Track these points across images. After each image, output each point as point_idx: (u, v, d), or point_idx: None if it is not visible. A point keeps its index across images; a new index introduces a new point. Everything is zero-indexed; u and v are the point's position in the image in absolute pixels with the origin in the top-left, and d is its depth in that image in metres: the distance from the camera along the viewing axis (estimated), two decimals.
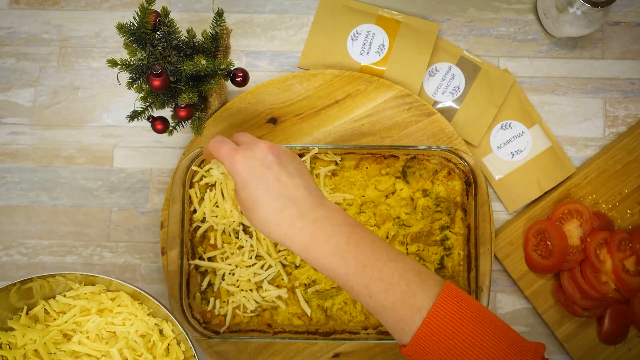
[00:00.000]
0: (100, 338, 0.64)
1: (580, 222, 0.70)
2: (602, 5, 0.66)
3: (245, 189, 0.52)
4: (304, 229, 0.50)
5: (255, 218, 0.52)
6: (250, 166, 0.52)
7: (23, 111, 0.76)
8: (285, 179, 0.52)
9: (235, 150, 0.53)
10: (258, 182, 0.51)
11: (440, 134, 0.73)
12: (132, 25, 0.56)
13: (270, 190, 0.51)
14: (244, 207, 0.53)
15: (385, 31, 0.76)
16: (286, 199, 0.51)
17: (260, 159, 0.52)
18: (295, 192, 0.52)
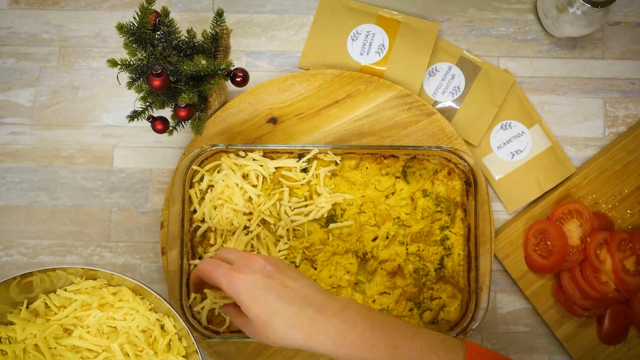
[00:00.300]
0: (101, 333, 0.64)
1: (580, 222, 0.70)
2: (602, 5, 0.66)
3: (256, 304, 0.51)
4: (327, 324, 0.50)
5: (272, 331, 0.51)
6: (253, 281, 0.51)
7: (23, 111, 0.76)
8: (291, 282, 0.52)
9: (232, 270, 0.53)
10: (266, 292, 0.51)
11: (440, 134, 0.73)
12: (132, 25, 0.56)
13: (282, 298, 0.51)
14: (258, 323, 0.51)
15: (385, 31, 0.76)
16: (299, 300, 0.51)
17: (260, 271, 0.52)
18: (305, 292, 0.52)
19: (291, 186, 0.69)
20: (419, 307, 0.68)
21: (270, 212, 0.68)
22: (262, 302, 0.51)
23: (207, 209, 0.68)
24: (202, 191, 0.69)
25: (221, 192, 0.68)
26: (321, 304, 0.52)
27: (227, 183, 0.68)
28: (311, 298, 0.52)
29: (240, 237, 0.68)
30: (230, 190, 0.68)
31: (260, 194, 0.68)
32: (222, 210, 0.68)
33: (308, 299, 0.52)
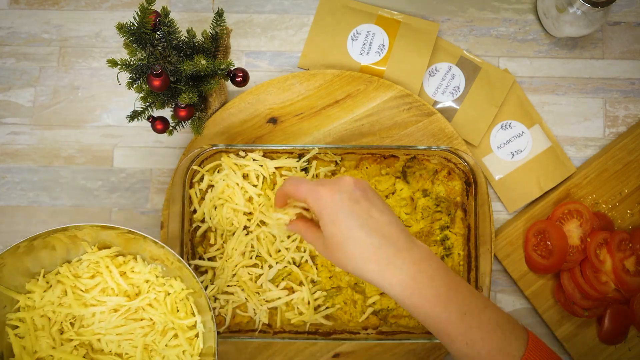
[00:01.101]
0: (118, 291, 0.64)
1: (580, 222, 0.70)
2: (602, 5, 0.66)
3: (335, 223, 0.50)
4: (404, 269, 0.49)
5: (344, 254, 0.50)
6: (339, 200, 0.50)
7: (23, 111, 0.76)
8: (377, 214, 0.50)
9: (319, 184, 0.51)
10: (349, 217, 0.49)
11: (440, 134, 0.73)
12: (132, 25, 0.56)
13: (363, 226, 0.49)
14: (332, 242, 0.50)
15: (385, 31, 0.76)
16: (381, 235, 0.49)
17: (348, 192, 0.50)
18: (388, 229, 0.50)
19: None
20: None
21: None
22: (342, 224, 0.49)
23: (207, 209, 0.68)
24: (202, 191, 0.69)
25: (221, 191, 0.68)
26: (403, 246, 0.50)
27: (228, 183, 0.68)
28: (394, 236, 0.50)
29: (240, 237, 0.68)
30: (230, 190, 0.68)
31: (260, 194, 0.68)
32: (222, 210, 0.68)
33: (389, 236, 0.50)
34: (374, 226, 0.50)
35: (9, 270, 0.61)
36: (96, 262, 0.65)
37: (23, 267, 0.63)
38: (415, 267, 0.49)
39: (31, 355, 0.63)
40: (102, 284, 0.64)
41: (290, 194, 0.55)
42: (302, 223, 0.58)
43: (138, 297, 0.64)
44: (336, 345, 0.70)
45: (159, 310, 0.64)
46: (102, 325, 0.63)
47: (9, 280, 0.62)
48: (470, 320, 0.49)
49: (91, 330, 0.64)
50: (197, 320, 0.63)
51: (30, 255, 0.62)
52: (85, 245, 0.64)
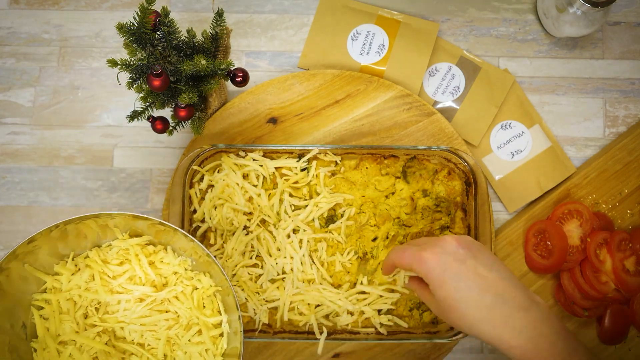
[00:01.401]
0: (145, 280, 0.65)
1: (580, 222, 0.70)
2: (602, 5, 0.66)
3: (444, 286, 0.48)
4: (522, 331, 0.47)
5: (459, 317, 0.48)
6: (443, 262, 0.49)
7: (23, 111, 0.76)
8: (485, 272, 0.49)
9: (422, 250, 0.51)
10: (457, 278, 0.48)
11: (440, 134, 0.73)
12: (132, 25, 0.56)
13: (472, 287, 0.48)
14: (443, 306, 0.49)
15: (385, 31, 0.76)
16: (493, 294, 0.48)
17: (452, 253, 0.49)
18: (502, 285, 0.48)
19: (291, 186, 0.69)
20: (419, 307, 0.68)
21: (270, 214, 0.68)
22: (451, 287, 0.48)
23: (207, 209, 0.68)
24: (202, 191, 0.69)
25: (222, 191, 0.68)
26: (520, 305, 0.47)
27: (228, 182, 0.68)
28: (508, 294, 0.48)
29: (240, 237, 0.68)
30: (230, 190, 0.68)
31: (260, 193, 0.68)
32: (222, 210, 0.68)
33: (502, 294, 0.48)
34: (483, 285, 0.48)
35: (40, 252, 0.61)
36: (126, 250, 0.64)
37: (53, 249, 0.63)
38: (536, 331, 0.47)
39: (54, 338, 0.62)
40: (130, 272, 0.64)
41: (396, 264, 0.54)
42: (417, 282, 0.56)
43: (165, 289, 0.64)
44: (336, 345, 0.70)
45: (185, 304, 0.63)
46: (126, 314, 0.63)
47: (38, 261, 0.62)
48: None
49: (115, 317, 0.64)
50: (223, 319, 0.63)
51: (61, 239, 0.62)
52: (117, 231, 0.64)
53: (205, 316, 0.63)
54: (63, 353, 0.62)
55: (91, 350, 0.63)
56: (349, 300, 0.67)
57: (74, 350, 0.62)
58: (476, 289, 0.48)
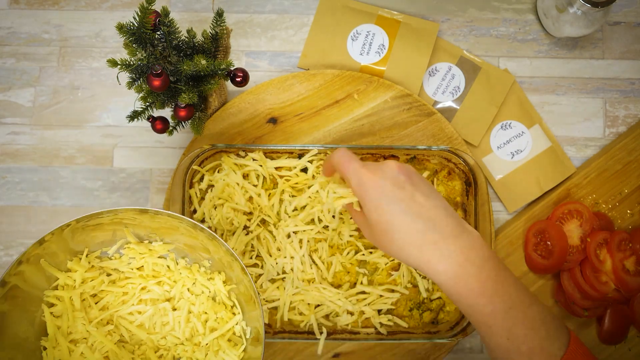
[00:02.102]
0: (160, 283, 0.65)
1: (580, 222, 0.70)
2: (602, 5, 0.66)
3: (378, 209, 0.49)
4: (451, 258, 0.48)
5: (389, 241, 0.49)
6: (382, 186, 0.49)
7: (23, 111, 0.76)
8: (422, 198, 0.49)
9: (364, 168, 0.50)
10: (392, 202, 0.49)
11: (440, 134, 0.73)
12: (132, 25, 0.56)
13: (407, 212, 0.48)
14: (376, 230, 0.50)
15: (385, 31, 0.76)
16: (426, 219, 0.48)
17: (391, 178, 0.50)
18: (434, 213, 0.49)
19: (291, 186, 0.69)
20: (419, 307, 0.68)
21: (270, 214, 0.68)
22: (385, 211, 0.49)
23: (207, 208, 0.68)
24: (202, 191, 0.69)
25: (222, 191, 0.68)
26: (450, 232, 0.48)
27: (228, 182, 0.68)
28: (439, 221, 0.48)
29: (240, 237, 0.68)
30: (230, 190, 0.68)
31: (260, 193, 0.68)
32: (222, 210, 0.68)
33: (435, 221, 0.48)
34: (418, 211, 0.48)
35: (54, 248, 0.60)
36: (142, 253, 0.64)
37: (67, 246, 0.62)
38: (463, 256, 0.48)
39: (65, 336, 0.62)
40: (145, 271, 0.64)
41: (337, 168, 0.53)
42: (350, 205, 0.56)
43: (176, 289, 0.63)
44: (336, 345, 0.70)
45: (201, 307, 0.63)
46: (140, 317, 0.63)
47: (52, 256, 0.61)
48: (515, 315, 0.48)
49: (127, 319, 0.63)
50: (239, 318, 0.62)
51: (74, 237, 0.61)
52: (127, 233, 0.64)
53: (223, 320, 0.62)
54: (74, 352, 0.61)
55: (102, 349, 0.62)
56: (349, 300, 0.67)
57: (85, 349, 0.61)
58: (410, 214, 0.48)
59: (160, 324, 0.64)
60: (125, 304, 0.64)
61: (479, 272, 0.48)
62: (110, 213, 0.59)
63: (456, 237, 0.48)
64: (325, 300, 0.67)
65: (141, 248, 0.64)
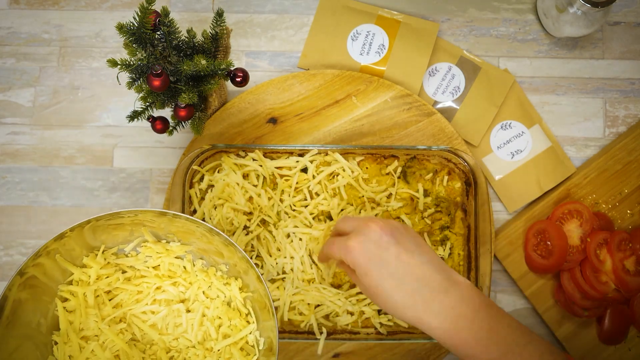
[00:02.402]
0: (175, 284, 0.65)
1: (580, 222, 0.70)
2: (602, 5, 0.66)
3: (368, 275, 0.50)
4: (442, 313, 0.49)
5: (382, 303, 0.50)
6: (367, 250, 0.50)
7: (23, 111, 0.76)
8: (407, 257, 0.50)
9: (347, 239, 0.52)
10: (379, 266, 0.50)
11: (440, 134, 0.73)
12: (132, 25, 0.56)
13: (394, 274, 0.49)
14: (370, 294, 0.51)
15: (385, 31, 0.76)
16: (413, 279, 0.49)
17: (375, 241, 0.51)
18: (421, 271, 0.50)
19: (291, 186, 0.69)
20: None
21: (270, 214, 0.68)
22: (375, 275, 0.50)
23: (207, 208, 0.68)
24: (202, 191, 0.69)
25: (222, 191, 0.68)
26: (439, 288, 0.49)
27: (228, 182, 0.68)
28: (428, 278, 0.49)
29: (240, 237, 0.68)
30: (230, 190, 0.68)
31: (260, 193, 0.68)
32: (222, 210, 0.68)
33: (423, 278, 0.49)
34: (405, 271, 0.50)
35: (72, 244, 0.60)
36: (159, 252, 0.64)
37: (85, 242, 0.62)
38: (454, 312, 0.49)
39: (77, 332, 0.62)
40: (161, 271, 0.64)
41: (329, 256, 0.56)
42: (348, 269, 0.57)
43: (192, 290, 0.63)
44: (336, 345, 0.70)
45: (215, 312, 0.63)
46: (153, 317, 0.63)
47: (68, 252, 0.61)
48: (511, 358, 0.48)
49: (140, 318, 0.63)
50: (253, 327, 0.62)
51: (96, 234, 0.61)
52: (145, 232, 0.64)
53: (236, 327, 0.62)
54: (85, 348, 0.61)
55: (113, 347, 0.62)
56: (348, 300, 0.67)
57: (96, 346, 0.61)
58: (397, 277, 0.49)
59: (173, 325, 0.63)
60: (139, 303, 0.63)
61: (471, 325, 0.49)
62: (130, 213, 0.59)
63: (446, 293, 0.49)
64: (325, 300, 0.67)
65: (158, 247, 0.64)
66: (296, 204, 0.69)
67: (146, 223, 0.62)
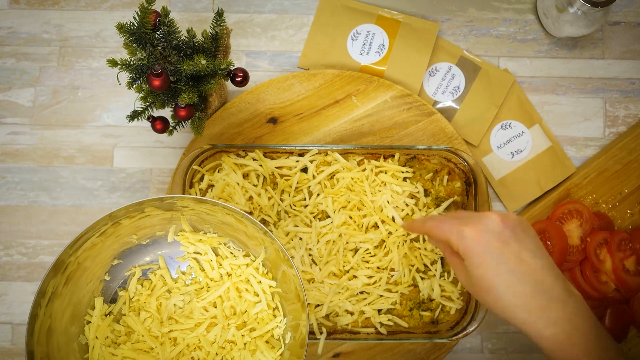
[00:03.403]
0: None
1: (580, 222, 0.70)
2: (602, 5, 0.66)
3: (482, 267, 0.47)
4: (557, 324, 0.46)
5: (493, 299, 0.47)
6: (486, 241, 0.47)
7: (23, 111, 0.76)
8: (528, 256, 0.47)
9: (463, 224, 0.48)
10: (498, 260, 0.47)
11: (440, 134, 0.73)
12: (132, 25, 0.56)
13: (514, 271, 0.46)
14: (478, 285, 0.48)
15: (385, 31, 0.76)
16: (533, 282, 0.46)
17: (496, 232, 0.47)
18: (541, 275, 0.47)
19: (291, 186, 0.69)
20: (419, 307, 0.68)
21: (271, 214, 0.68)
22: (491, 268, 0.47)
23: None
24: (202, 191, 0.69)
25: (222, 191, 0.68)
26: (557, 296, 0.46)
27: (228, 182, 0.68)
28: (547, 284, 0.46)
29: None
30: (230, 189, 0.68)
31: (260, 193, 0.68)
32: None
33: (543, 283, 0.46)
34: (525, 271, 0.47)
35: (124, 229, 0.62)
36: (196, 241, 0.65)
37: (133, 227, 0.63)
38: (571, 324, 0.46)
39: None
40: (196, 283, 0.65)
41: (431, 234, 0.52)
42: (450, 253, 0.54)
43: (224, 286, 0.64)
44: (336, 345, 0.70)
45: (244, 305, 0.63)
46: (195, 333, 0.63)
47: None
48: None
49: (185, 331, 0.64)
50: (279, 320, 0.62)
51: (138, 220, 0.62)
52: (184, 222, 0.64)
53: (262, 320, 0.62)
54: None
55: None
56: (348, 300, 0.67)
57: None
58: (518, 275, 0.46)
59: None
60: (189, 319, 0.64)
61: (585, 342, 0.46)
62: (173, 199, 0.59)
63: (564, 303, 0.47)
64: (326, 300, 0.67)
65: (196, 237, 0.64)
66: (296, 204, 0.69)
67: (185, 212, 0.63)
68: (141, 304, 0.65)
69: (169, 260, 0.67)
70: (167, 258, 0.67)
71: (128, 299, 0.65)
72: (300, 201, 0.69)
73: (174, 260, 0.67)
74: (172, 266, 0.67)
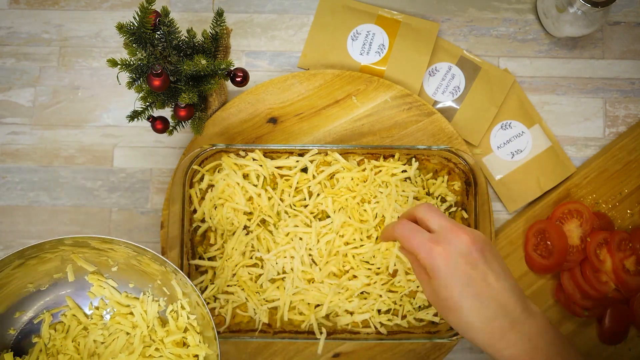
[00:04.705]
0: None
1: (580, 222, 0.70)
2: (602, 5, 0.66)
3: (449, 288, 0.48)
4: (517, 344, 0.47)
5: (455, 319, 0.49)
6: (454, 263, 0.48)
7: (23, 111, 0.76)
8: (493, 279, 0.48)
9: (433, 242, 0.49)
10: (464, 284, 0.48)
11: (440, 134, 0.73)
12: (132, 25, 0.57)
13: (478, 295, 0.47)
14: (443, 306, 0.49)
15: (385, 31, 0.76)
16: (496, 305, 0.47)
17: (464, 255, 0.48)
18: (504, 297, 0.48)
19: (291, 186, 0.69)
20: (419, 308, 0.68)
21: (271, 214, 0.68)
22: (457, 291, 0.48)
23: (207, 208, 0.68)
24: (202, 191, 0.69)
25: (222, 191, 0.68)
26: (518, 318, 0.48)
27: (228, 182, 0.68)
28: (509, 306, 0.48)
29: (240, 237, 0.68)
30: (230, 190, 0.68)
31: (260, 193, 0.68)
32: (222, 210, 0.68)
33: (505, 306, 0.48)
34: (489, 295, 0.48)
35: None
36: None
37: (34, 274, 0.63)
38: (531, 344, 0.47)
39: None
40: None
41: (400, 242, 0.53)
42: (418, 266, 0.54)
43: None
44: (336, 345, 0.70)
45: None
46: None
47: None
48: None
49: None
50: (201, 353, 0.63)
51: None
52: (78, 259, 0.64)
53: None
54: None
55: None
56: (348, 300, 0.67)
57: None
58: (480, 298, 0.48)
59: None
60: None
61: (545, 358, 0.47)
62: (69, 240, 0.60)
63: (523, 323, 0.48)
64: (326, 300, 0.67)
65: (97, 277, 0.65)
66: (296, 204, 0.69)
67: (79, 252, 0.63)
68: (58, 347, 0.64)
69: (78, 299, 0.66)
70: (75, 297, 0.66)
71: (43, 345, 0.64)
72: (300, 201, 0.69)
73: (84, 297, 0.66)
74: (84, 303, 0.67)
